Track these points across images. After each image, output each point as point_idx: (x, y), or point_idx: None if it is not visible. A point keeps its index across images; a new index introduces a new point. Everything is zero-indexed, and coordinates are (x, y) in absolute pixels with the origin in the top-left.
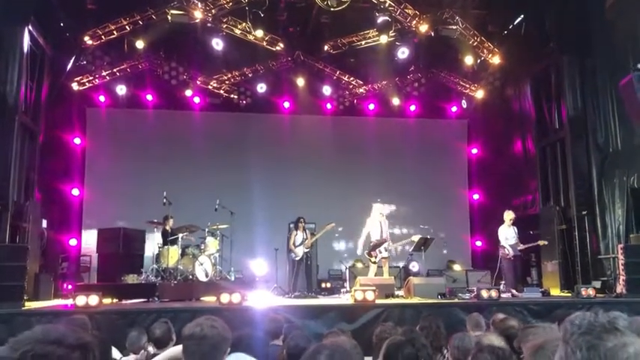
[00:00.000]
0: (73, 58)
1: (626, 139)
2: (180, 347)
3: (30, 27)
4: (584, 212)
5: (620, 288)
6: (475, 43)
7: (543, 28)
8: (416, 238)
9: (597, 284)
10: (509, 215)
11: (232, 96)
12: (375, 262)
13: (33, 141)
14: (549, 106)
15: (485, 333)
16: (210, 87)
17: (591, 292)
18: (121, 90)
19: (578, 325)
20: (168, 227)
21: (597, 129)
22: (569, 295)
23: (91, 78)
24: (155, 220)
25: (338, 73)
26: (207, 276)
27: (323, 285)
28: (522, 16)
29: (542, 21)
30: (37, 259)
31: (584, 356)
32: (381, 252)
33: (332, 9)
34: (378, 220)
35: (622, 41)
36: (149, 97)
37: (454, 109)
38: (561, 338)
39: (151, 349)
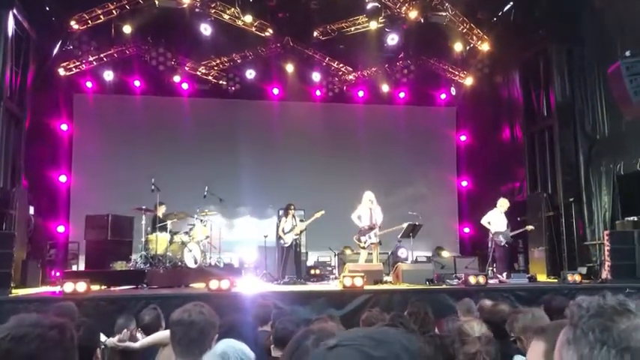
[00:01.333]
0: (59, 43)
1: (614, 126)
2: (167, 332)
3: (14, 11)
4: (571, 199)
5: (605, 274)
6: (464, 30)
7: (532, 15)
8: (406, 224)
9: (583, 270)
10: (504, 203)
11: (221, 82)
12: (364, 248)
13: (19, 127)
14: (537, 93)
15: (468, 319)
16: (198, 73)
17: (577, 278)
18: (109, 76)
19: (586, 307)
20: (160, 214)
21: (585, 116)
22: (556, 280)
23: (77, 63)
24: (144, 207)
25: (327, 59)
26: (196, 263)
27: (312, 271)
28: (511, 3)
29: (532, 8)
30: (24, 246)
31: (597, 338)
32: (370, 237)
33: None
34: (368, 207)
35: (610, 29)
36: (137, 83)
37: (443, 96)
38: (568, 321)
39: (139, 335)
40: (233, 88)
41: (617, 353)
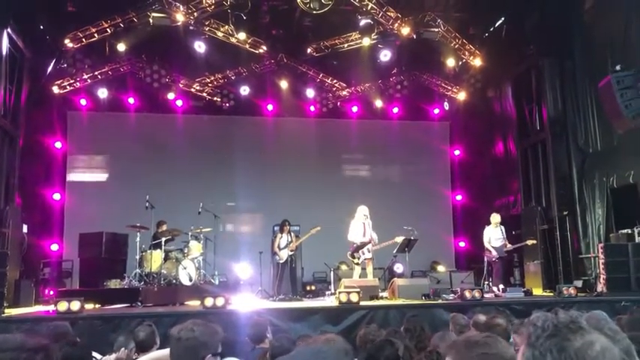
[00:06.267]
0: (54, 61)
1: (606, 139)
2: (165, 351)
3: (9, 30)
4: (565, 212)
5: (600, 287)
6: (456, 46)
7: (523, 30)
8: (399, 239)
9: (579, 283)
10: (495, 218)
11: (215, 99)
12: (358, 264)
13: (13, 145)
14: (530, 107)
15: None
16: (192, 90)
17: (572, 291)
18: (103, 93)
19: (542, 327)
20: (160, 232)
21: (577, 130)
22: (552, 294)
23: (71, 81)
24: (138, 224)
25: (321, 75)
26: (190, 280)
27: (308, 288)
28: (503, 18)
29: (523, 23)
30: (17, 264)
31: (556, 358)
32: (364, 253)
33: (314, 12)
34: (361, 222)
35: (600, 43)
36: (131, 101)
37: (436, 111)
38: (526, 342)
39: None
40: (227, 105)
41: None
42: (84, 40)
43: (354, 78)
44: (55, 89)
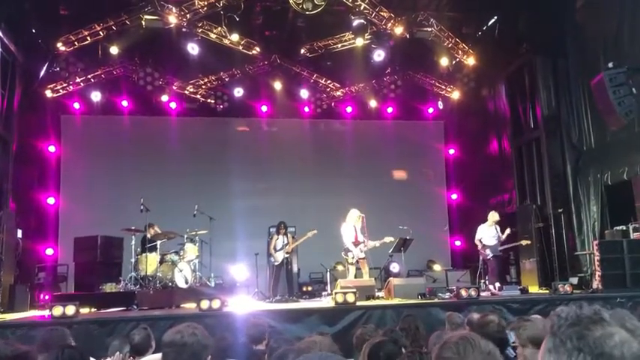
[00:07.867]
0: (46, 64)
1: (599, 137)
2: (159, 355)
3: (0, 33)
4: (560, 210)
5: (596, 284)
6: (450, 45)
7: (516, 29)
8: (388, 239)
9: (574, 281)
10: (493, 217)
11: (209, 100)
12: (351, 263)
13: (6, 150)
14: (524, 105)
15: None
16: (186, 92)
17: (568, 288)
18: (96, 97)
19: (564, 317)
20: (150, 235)
21: (571, 128)
22: (547, 292)
23: (64, 85)
24: (133, 228)
25: (315, 76)
26: (186, 282)
27: (304, 289)
28: (495, 17)
29: (515, 22)
30: (12, 269)
31: (575, 346)
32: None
33: (307, 12)
34: (352, 225)
35: (593, 42)
36: (125, 104)
37: (431, 110)
38: (549, 330)
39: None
40: (221, 107)
41: (592, 359)
42: (76, 43)
43: (348, 78)
44: (48, 93)
